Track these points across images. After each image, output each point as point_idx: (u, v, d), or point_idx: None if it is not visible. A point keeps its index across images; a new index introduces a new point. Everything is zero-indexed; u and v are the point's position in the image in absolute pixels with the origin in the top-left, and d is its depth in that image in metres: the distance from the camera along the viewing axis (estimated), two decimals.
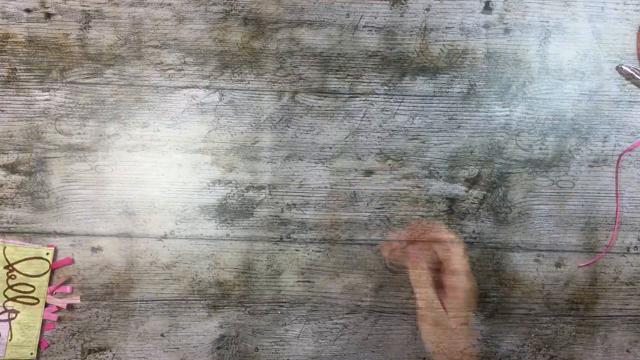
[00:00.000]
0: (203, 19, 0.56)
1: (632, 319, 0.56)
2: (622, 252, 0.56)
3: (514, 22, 0.56)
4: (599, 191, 0.56)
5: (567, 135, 0.56)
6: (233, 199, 0.56)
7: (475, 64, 0.56)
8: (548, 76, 0.56)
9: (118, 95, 0.56)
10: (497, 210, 0.56)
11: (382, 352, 0.56)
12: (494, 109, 0.56)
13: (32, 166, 0.56)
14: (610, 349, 0.56)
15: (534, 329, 0.56)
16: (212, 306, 0.55)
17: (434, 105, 0.56)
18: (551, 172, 0.56)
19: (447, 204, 0.56)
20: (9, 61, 0.56)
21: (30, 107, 0.56)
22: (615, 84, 0.56)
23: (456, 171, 0.56)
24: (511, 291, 0.56)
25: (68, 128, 0.56)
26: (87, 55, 0.56)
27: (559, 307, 0.56)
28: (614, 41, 0.56)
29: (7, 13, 0.56)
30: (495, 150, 0.56)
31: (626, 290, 0.56)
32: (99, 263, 0.55)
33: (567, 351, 0.56)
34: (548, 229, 0.56)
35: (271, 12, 0.56)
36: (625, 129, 0.56)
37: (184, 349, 0.55)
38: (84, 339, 0.55)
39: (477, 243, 0.56)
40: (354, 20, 0.56)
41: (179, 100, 0.56)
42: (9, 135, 0.56)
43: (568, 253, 0.56)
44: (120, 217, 0.56)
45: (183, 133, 0.56)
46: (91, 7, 0.56)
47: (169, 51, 0.56)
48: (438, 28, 0.56)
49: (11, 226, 0.55)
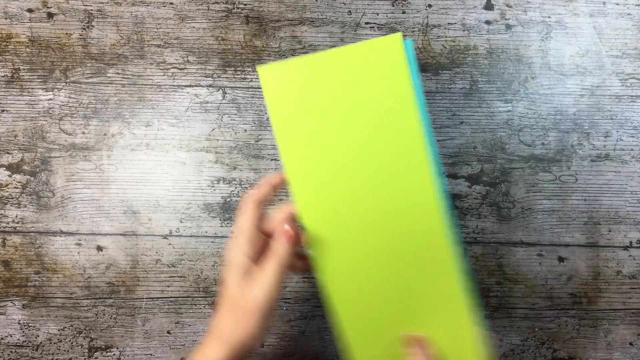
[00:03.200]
0: (205, 18, 0.56)
1: (634, 313, 0.56)
2: (624, 246, 0.56)
3: (516, 18, 0.56)
4: (601, 186, 0.56)
5: (569, 130, 0.56)
6: (237, 197, 0.56)
7: (477, 60, 0.56)
8: (550, 72, 0.57)
9: (121, 95, 0.56)
10: (499, 206, 0.56)
11: None
12: (496, 105, 0.56)
13: (37, 166, 0.56)
14: (614, 342, 0.56)
15: (538, 324, 0.56)
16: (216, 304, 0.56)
17: (437, 102, 0.56)
18: (553, 168, 0.56)
19: (450, 200, 0.56)
20: (12, 61, 0.56)
21: (34, 107, 0.56)
22: (616, 79, 0.57)
23: (459, 167, 0.56)
24: (514, 286, 0.56)
25: (72, 127, 0.56)
26: (89, 55, 0.56)
27: (562, 302, 0.56)
28: (616, 37, 0.57)
29: (10, 13, 0.56)
30: (497, 146, 0.56)
31: (629, 284, 0.56)
32: (104, 261, 0.56)
33: (570, 345, 0.56)
34: (551, 224, 0.56)
35: (273, 10, 0.56)
36: (627, 124, 0.56)
37: (190, 345, 0.56)
38: (90, 337, 0.56)
39: (480, 239, 0.56)
40: (356, 18, 0.56)
41: (182, 99, 0.56)
42: (13, 135, 0.56)
43: (571, 248, 0.56)
44: (125, 215, 0.56)
45: (186, 131, 0.56)
46: (93, 6, 0.56)
47: (172, 50, 0.56)
48: (440, 25, 0.56)
49: (16, 225, 0.56)
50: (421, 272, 0.43)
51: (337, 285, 0.44)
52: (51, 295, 0.56)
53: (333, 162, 0.43)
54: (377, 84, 0.42)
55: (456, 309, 0.43)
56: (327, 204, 0.43)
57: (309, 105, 0.43)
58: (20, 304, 0.56)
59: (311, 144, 0.43)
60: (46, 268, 0.56)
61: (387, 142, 0.43)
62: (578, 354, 0.56)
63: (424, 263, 0.43)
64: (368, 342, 0.45)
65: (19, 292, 0.56)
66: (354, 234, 0.43)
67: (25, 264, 0.56)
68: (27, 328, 0.56)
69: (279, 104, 0.43)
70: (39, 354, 0.56)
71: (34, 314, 0.56)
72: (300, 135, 0.43)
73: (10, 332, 0.56)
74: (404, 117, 0.42)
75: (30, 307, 0.56)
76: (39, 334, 0.56)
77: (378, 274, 0.44)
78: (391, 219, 0.43)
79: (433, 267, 0.43)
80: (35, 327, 0.56)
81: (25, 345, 0.56)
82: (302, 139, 0.43)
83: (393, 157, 0.42)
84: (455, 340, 0.44)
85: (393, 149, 0.42)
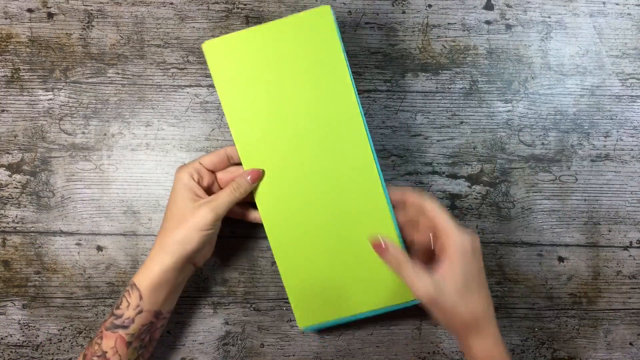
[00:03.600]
0: (205, 18, 0.56)
1: (635, 313, 0.56)
2: (624, 246, 0.56)
3: (516, 18, 0.56)
4: (601, 186, 0.56)
5: (569, 130, 0.56)
6: None
7: (477, 60, 0.56)
8: (550, 72, 0.57)
9: (121, 95, 0.56)
10: (499, 206, 0.56)
11: (387, 348, 0.56)
12: (496, 105, 0.56)
13: (37, 166, 0.56)
14: (613, 342, 0.56)
15: (538, 324, 0.56)
16: (218, 303, 0.56)
17: (436, 102, 0.56)
18: (553, 168, 0.56)
19: (449, 200, 0.56)
20: (12, 61, 0.56)
21: (34, 107, 0.56)
22: (616, 79, 0.57)
23: (459, 167, 0.56)
24: (514, 286, 0.56)
25: (72, 127, 0.56)
26: (89, 55, 0.56)
27: (562, 302, 0.56)
28: (616, 37, 0.57)
29: (10, 13, 0.56)
30: (497, 146, 0.56)
31: (629, 284, 0.56)
32: (104, 261, 0.56)
33: (570, 345, 0.56)
34: (551, 224, 0.56)
35: (273, 10, 0.56)
36: (627, 124, 0.56)
37: (190, 345, 0.56)
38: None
39: (480, 239, 0.56)
40: (356, 18, 0.56)
41: (182, 99, 0.56)
42: (13, 135, 0.56)
43: (571, 248, 0.56)
44: (125, 215, 0.56)
45: (186, 132, 0.56)
46: (93, 6, 0.56)
47: (172, 50, 0.56)
48: (440, 25, 0.56)
49: (16, 225, 0.56)
50: (353, 205, 0.49)
51: (275, 222, 0.50)
52: (51, 295, 0.56)
53: (275, 127, 0.48)
54: (312, 52, 0.48)
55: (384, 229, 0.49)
56: (269, 163, 0.49)
57: (251, 74, 0.48)
58: (20, 304, 0.56)
59: (255, 109, 0.48)
60: (46, 268, 0.56)
61: (323, 101, 0.48)
62: (578, 354, 0.56)
63: (356, 202, 0.49)
64: (301, 275, 0.50)
65: (19, 292, 0.56)
66: (292, 179, 0.49)
67: (25, 264, 0.56)
68: (27, 328, 0.56)
69: (224, 76, 0.48)
70: (39, 354, 0.56)
71: (34, 314, 0.56)
72: (245, 101, 0.48)
73: (10, 332, 0.56)
74: (337, 79, 0.48)
75: (30, 307, 0.56)
76: (39, 334, 0.56)
77: (312, 209, 0.49)
78: (326, 167, 0.49)
79: (364, 202, 0.49)
80: (35, 327, 0.56)
81: (25, 345, 0.56)
82: (246, 106, 0.48)
83: (329, 112, 0.48)
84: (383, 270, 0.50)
85: (328, 104, 0.48)
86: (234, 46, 0.48)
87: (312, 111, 0.48)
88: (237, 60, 0.48)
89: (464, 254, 0.42)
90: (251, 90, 0.48)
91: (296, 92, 0.48)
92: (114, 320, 0.46)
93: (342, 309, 0.50)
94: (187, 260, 0.47)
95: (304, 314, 0.51)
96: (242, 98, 0.48)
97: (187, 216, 0.46)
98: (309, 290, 0.50)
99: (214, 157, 0.49)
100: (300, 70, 0.48)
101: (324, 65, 0.47)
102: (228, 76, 0.48)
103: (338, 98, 0.48)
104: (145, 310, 0.46)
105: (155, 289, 0.46)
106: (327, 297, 0.50)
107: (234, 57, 0.48)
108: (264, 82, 0.48)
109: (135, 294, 0.46)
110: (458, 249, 0.42)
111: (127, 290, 0.47)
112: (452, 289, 0.42)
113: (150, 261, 0.46)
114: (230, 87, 0.48)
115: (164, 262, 0.46)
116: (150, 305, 0.46)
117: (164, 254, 0.46)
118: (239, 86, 0.48)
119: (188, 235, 0.46)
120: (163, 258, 0.46)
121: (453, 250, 0.42)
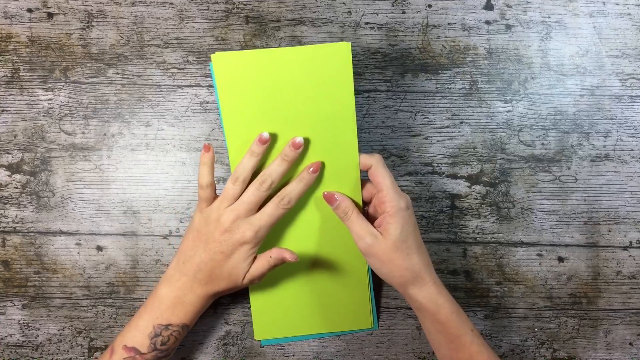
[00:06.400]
0: (205, 18, 0.56)
1: (634, 313, 0.56)
2: (624, 246, 0.56)
3: (516, 18, 0.56)
4: (601, 186, 0.56)
5: (569, 130, 0.56)
6: None
7: (477, 60, 0.56)
8: (550, 72, 0.57)
9: (121, 95, 0.56)
10: (499, 206, 0.56)
11: (386, 348, 0.56)
12: (496, 105, 0.56)
13: (36, 166, 0.56)
14: (613, 342, 0.56)
15: (537, 324, 0.56)
16: (218, 303, 0.56)
17: (436, 102, 0.56)
18: (553, 168, 0.56)
19: (449, 200, 0.56)
20: (12, 61, 0.56)
21: (34, 107, 0.56)
22: (616, 79, 0.57)
23: (459, 167, 0.56)
24: (514, 286, 0.56)
25: (72, 127, 0.56)
26: (89, 55, 0.56)
27: (562, 302, 0.56)
28: (616, 37, 0.57)
29: (10, 13, 0.56)
30: (497, 147, 0.56)
31: (629, 284, 0.56)
32: (104, 261, 0.56)
33: (570, 345, 0.56)
34: (550, 224, 0.56)
35: (273, 10, 0.56)
36: (627, 124, 0.56)
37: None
38: (90, 337, 0.56)
39: (480, 239, 0.56)
40: (356, 18, 0.56)
41: (181, 99, 0.56)
42: (13, 135, 0.56)
43: (571, 248, 0.56)
44: (125, 215, 0.56)
45: (186, 131, 0.56)
46: (93, 6, 0.56)
47: (171, 50, 0.56)
48: (440, 25, 0.56)
49: (16, 225, 0.56)
50: (335, 233, 0.51)
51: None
52: (51, 295, 0.56)
53: (272, 149, 0.48)
54: (323, 83, 0.47)
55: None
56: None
57: (257, 94, 0.47)
58: (20, 304, 0.56)
59: (255, 128, 0.47)
60: (46, 268, 0.56)
61: (324, 132, 0.48)
62: (578, 354, 0.56)
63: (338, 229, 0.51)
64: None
65: (18, 292, 0.56)
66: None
67: (25, 264, 0.56)
68: (27, 328, 0.56)
69: (229, 90, 0.47)
70: (38, 354, 0.56)
71: (33, 314, 0.56)
72: (246, 119, 0.47)
73: (10, 332, 0.56)
74: (342, 115, 0.48)
75: (30, 307, 0.56)
76: (38, 334, 0.56)
77: (291, 232, 0.51)
78: (313, 196, 0.50)
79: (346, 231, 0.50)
80: (35, 327, 0.56)
81: (25, 345, 0.56)
82: (246, 124, 0.48)
83: (328, 145, 0.48)
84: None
85: (328, 137, 0.48)
86: (245, 63, 0.46)
87: (312, 140, 0.48)
88: (246, 77, 0.46)
89: (400, 210, 0.46)
90: (254, 109, 0.47)
91: (299, 118, 0.47)
92: (158, 354, 0.48)
93: (300, 327, 0.54)
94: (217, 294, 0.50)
95: (263, 328, 0.54)
96: (243, 115, 0.47)
97: (225, 240, 0.48)
98: (274, 305, 0.53)
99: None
100: (308, 98, 0.47)
101: (332, 97, 0.47)
102: (234, 91, 0.47)
103: (339, 135, 0.48)
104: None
105: (192, 321, 0.50)
106: (289, 314, 0.53)
107: (243, 74, 0.46)
108: (268, 103, 0.47)
109: (184, 332, 0.49)
110: (394, 206, 0.46)
111: (177, 330, 0.48)
112: (389, 241, 0.46)
113: (181, 290, 0.49)
114: (234, 102, 0.47)
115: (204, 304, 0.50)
116: (184, 328, 0.50)
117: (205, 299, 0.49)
118: (243, 103, 0.47)
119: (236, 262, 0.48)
120: (206, 302, 0.50)
121: (390, 206, 0.46)
